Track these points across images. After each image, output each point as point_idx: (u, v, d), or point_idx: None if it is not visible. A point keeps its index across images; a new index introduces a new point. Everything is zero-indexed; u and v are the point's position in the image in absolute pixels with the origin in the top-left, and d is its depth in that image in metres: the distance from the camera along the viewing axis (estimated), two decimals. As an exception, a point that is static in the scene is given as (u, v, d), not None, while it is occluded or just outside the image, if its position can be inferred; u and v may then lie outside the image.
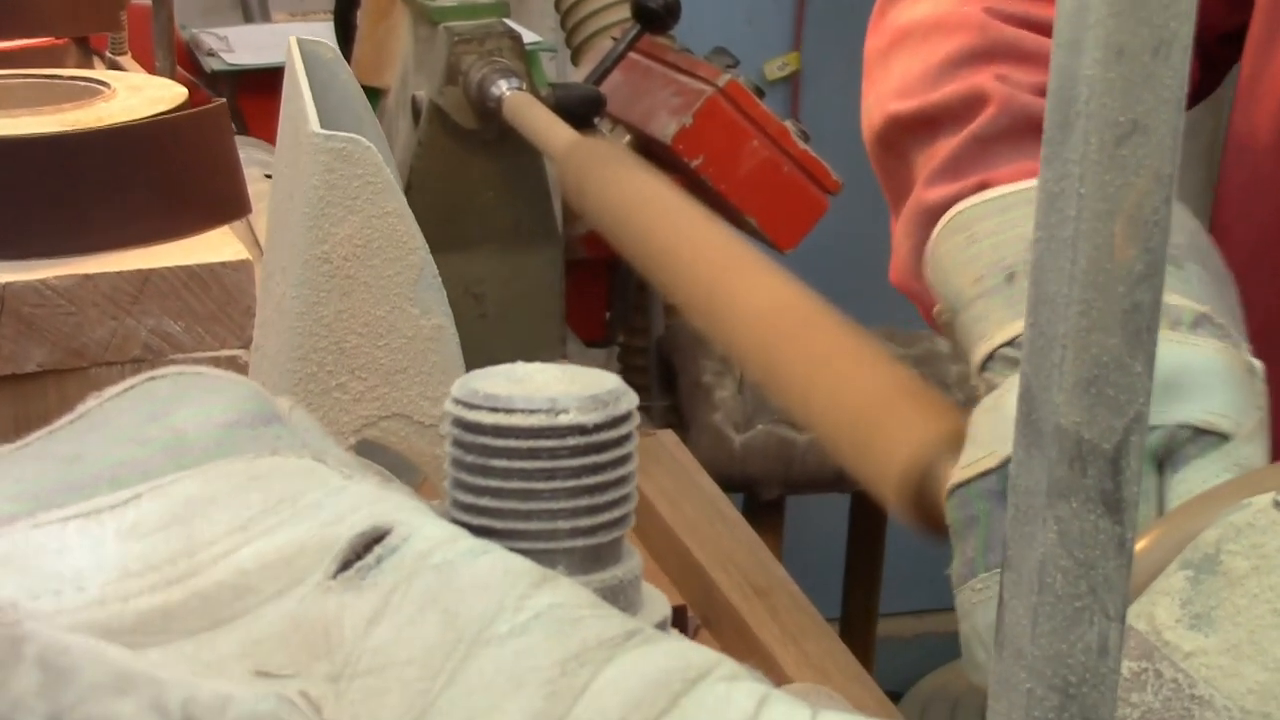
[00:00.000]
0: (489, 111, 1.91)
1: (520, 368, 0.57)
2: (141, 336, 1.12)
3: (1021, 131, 1.05)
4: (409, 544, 0.53)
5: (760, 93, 2.16)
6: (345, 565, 0.53)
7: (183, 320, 1.13)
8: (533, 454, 0.55)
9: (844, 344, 1.22)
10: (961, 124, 1.09)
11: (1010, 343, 0.96)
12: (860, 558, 2.50)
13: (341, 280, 0.82)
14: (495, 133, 1.95)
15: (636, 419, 0.57)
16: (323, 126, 0.83)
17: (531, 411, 0.55)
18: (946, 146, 1.10)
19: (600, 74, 2.16)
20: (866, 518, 2.47)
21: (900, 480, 1.07)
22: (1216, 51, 1.32)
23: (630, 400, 0.56)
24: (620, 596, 0.57)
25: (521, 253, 1.93)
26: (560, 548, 0.56)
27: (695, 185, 2.10)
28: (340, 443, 0.70)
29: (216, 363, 1.10)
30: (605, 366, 2.26)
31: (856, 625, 2.47)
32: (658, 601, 0.59)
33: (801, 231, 2.14)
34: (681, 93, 2.15)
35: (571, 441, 0.55)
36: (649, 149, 2.15)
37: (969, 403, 1.00)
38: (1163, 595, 0.73)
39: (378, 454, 0.82)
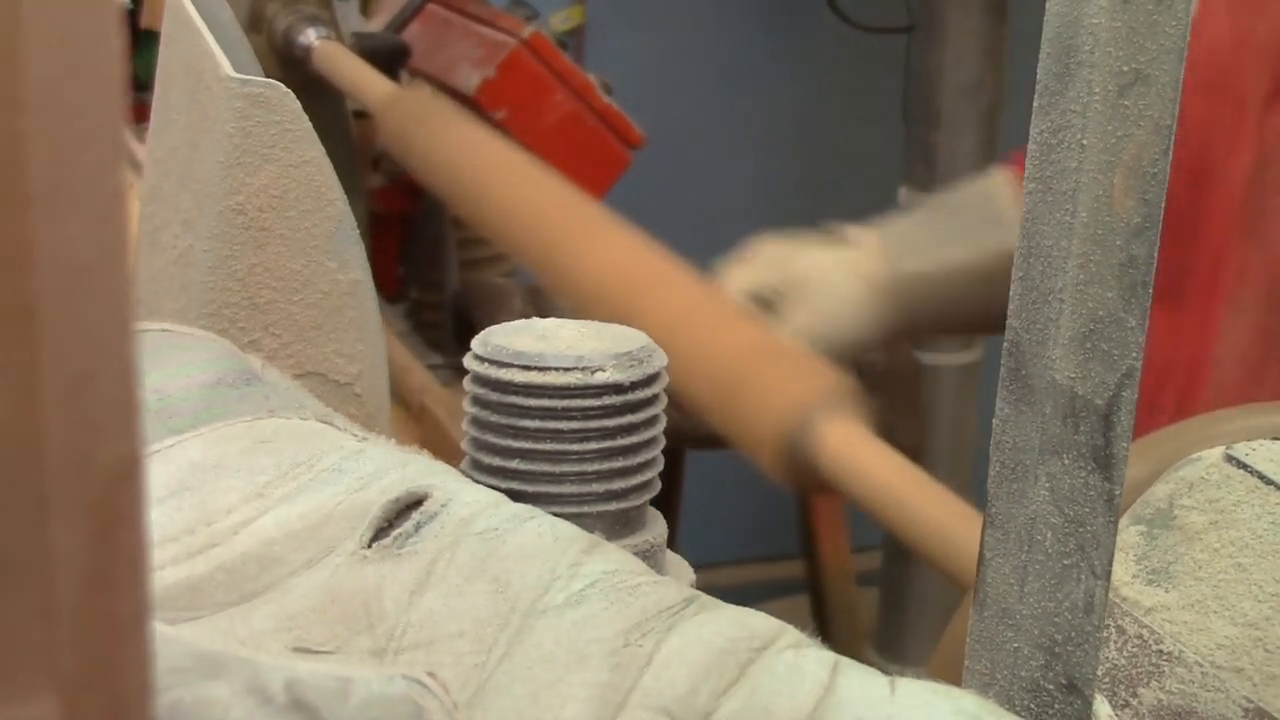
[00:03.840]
0: (295, 60, 1.86)
1: (539, 323, 0.55)
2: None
3: None
4: (448, 510, 0.50)
5: (564, 45, 2.13)
6: (380, 533, 0.50)
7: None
8: (566, 414, 0.52)
9: (703, 301, 1.21)
10: None
11: None
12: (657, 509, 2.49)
13: (256, 232, 0.78)
14: (299, 82, 1.89)
15: (666, 378, 0.55)
16: (210, 71, 0.79)
17: (566, 369, 0.52)
18: None
19: (400, 24, 2.12)
20: (663, 471, 2.46)
21: (775, 439, 1.07)
22: None
23: (660, 359, 0.54)
24: (650, 562, 0.55)
25: (327, 206, 1.88)
26: (594, 511, 0.53)
27: (498, 138, 2.06)
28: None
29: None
30: (400, 322, 2.22)
31: (649, 580, 2.47)
32: (681, 567, 0.57)
33: (605, 186, 2.12)
34: (483, 44, 2.11)
35: (607, 400, 0.53)
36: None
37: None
38: (1116, 551, 0.73)
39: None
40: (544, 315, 1.78)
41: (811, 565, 2.30)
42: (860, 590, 2.29)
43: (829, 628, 2.28)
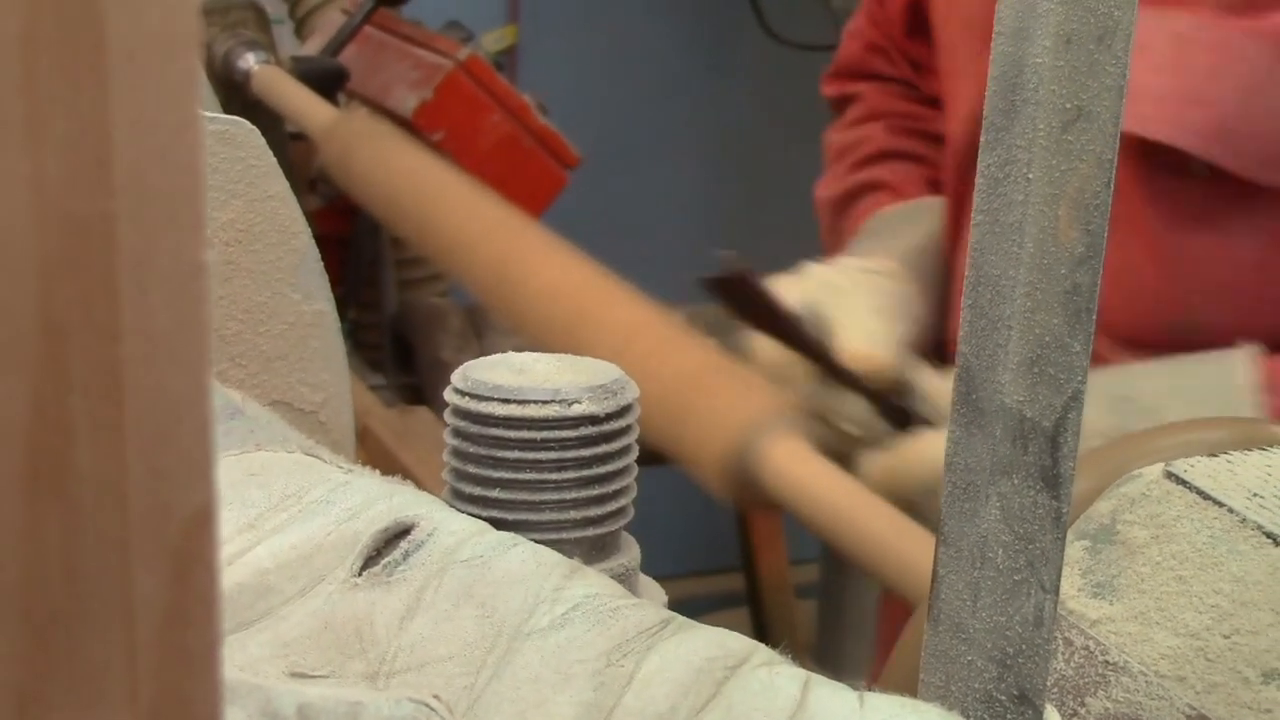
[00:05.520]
0: (234, 85, 1.87)
1: (515, 357, 0.57)
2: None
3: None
4: (435, 539, 0.52)
5: (499, 66, 2.15)
6: (369, 561, 0.52)
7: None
8: (545, 445, 0.55)
9: (648, 322, 1.23)
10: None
11: None
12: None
13: (222, 266, 0.80)
14: (238, 107, 1.91)
15: (638, 409, 0.57)
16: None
17: (544, 402, 0.55)
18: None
19: (336, 46, 2.13)
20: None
21: (721, 459, 1.09)
22: None
23: (633, 390, 0.57)
24: (625, 584, 0.57)
25: (267, 229, 1.89)
26: (571, 538, 0.56)
27: (435, 160, 2.08)
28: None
29: None
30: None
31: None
32: (654, 589, 0.59)
33: (542, 206, 2.14)
34: (420, 66, 2.13)
35: (584, 431, 0.55)
36: (387, 124, 2.13)
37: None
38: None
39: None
40: (481, 334, 1.79)
41: (750, 578, 2.32)
42: (798, 603, 2.32)
43: (768, 641, 2.29)
